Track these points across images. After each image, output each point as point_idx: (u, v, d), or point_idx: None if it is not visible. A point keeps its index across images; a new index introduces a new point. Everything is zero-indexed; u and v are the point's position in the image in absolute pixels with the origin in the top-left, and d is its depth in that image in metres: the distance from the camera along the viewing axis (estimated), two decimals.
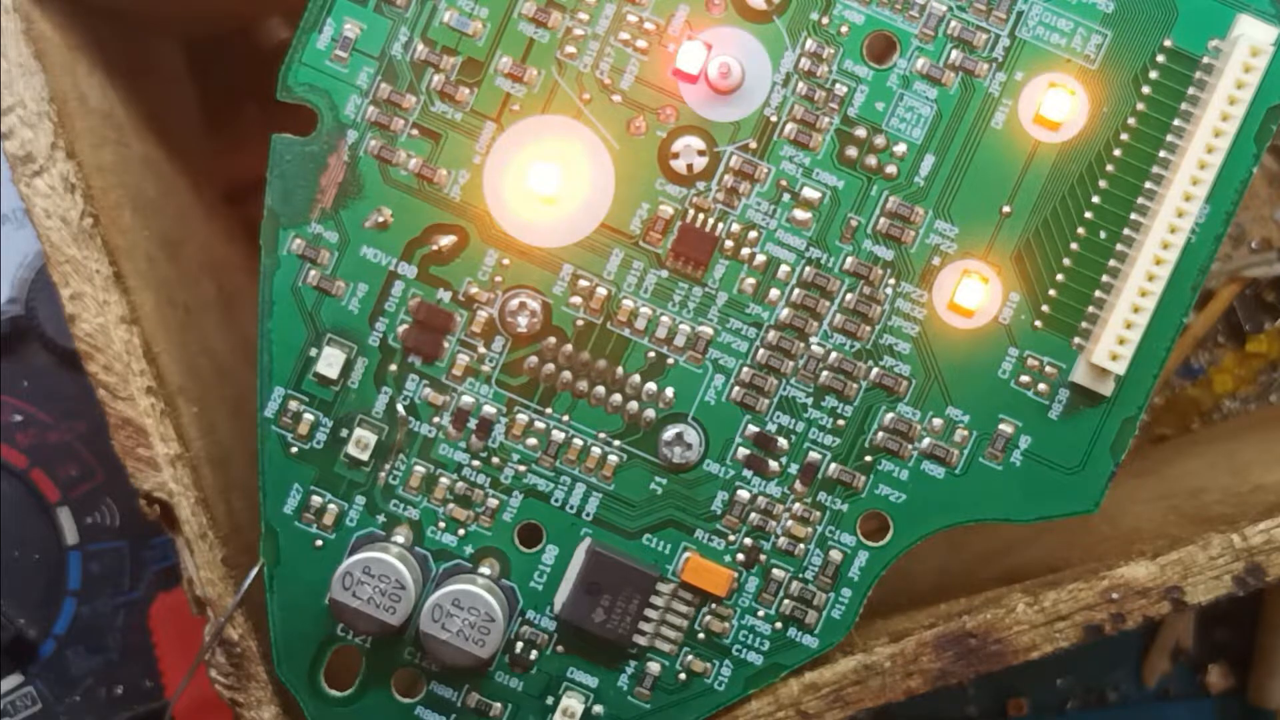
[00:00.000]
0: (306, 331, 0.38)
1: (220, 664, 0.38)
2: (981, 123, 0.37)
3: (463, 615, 0.37)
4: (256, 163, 0.40)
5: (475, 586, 0.37)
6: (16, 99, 0.38)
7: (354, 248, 0.37)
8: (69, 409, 0.50)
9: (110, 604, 0.50)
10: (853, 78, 0.37)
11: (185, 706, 0.49)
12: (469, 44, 0.37)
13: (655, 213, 0.37)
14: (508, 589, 0.38)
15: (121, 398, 0.38)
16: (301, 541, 0.38)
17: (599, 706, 0.38)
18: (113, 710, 0.49)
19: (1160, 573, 0.38)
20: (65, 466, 0.50)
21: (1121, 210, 0.37)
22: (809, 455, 0.38)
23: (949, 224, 0.37)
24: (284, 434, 0.38)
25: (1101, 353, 0.36)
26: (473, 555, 0.38)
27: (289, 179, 0.37)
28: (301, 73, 0.37)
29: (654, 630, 0.38)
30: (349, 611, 0.37)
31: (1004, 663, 0.38)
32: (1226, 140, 0.36)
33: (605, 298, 0.38)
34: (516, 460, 0.38)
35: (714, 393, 0.38)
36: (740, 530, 0.38)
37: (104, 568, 0.50)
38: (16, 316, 0.49)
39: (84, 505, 0.50)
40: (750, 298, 0.37)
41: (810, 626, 0.38)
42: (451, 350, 0.38)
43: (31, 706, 0.49)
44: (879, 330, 0.37)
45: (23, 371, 0.50)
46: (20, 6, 0.38)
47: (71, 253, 0.38)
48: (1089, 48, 0.37)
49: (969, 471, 0.38)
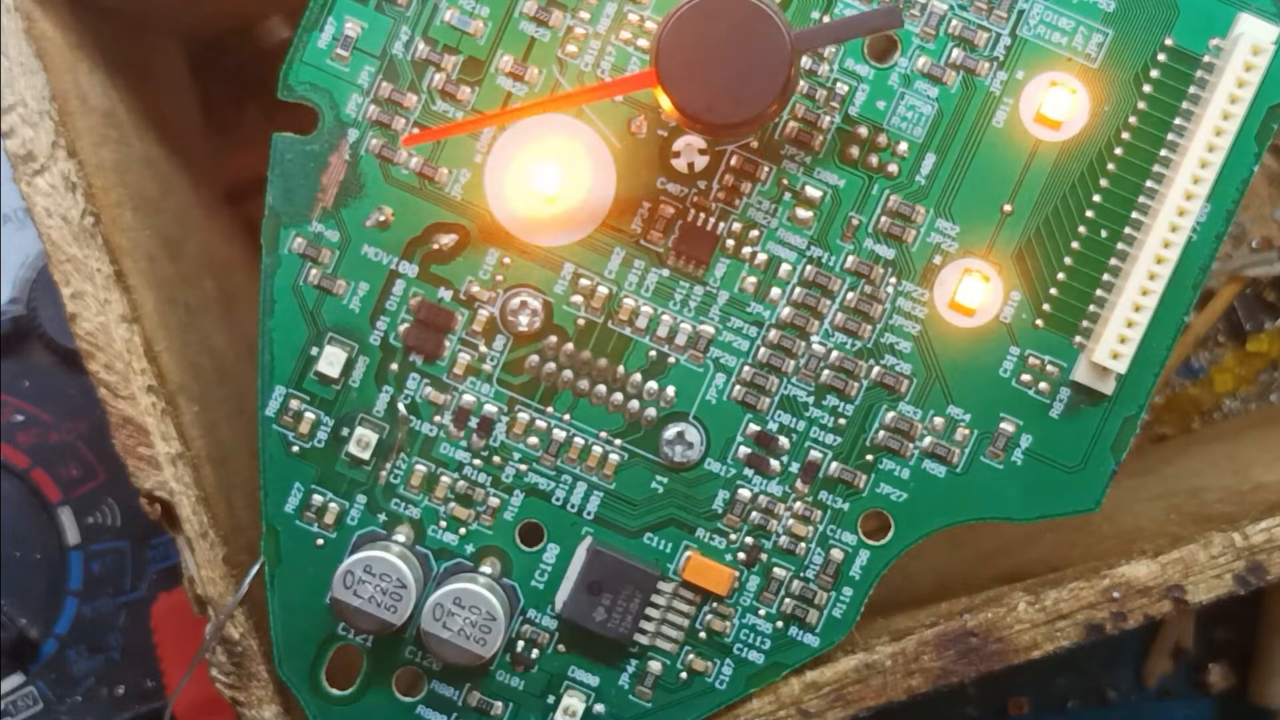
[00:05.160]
0: (307, 330, 0.38)
1: (221, 663, 0.38)
2: (983, 121, 0.37)
3: (464, 614, 0.37)
4: (257, 162, 0.40)
5: (476, 585, 0.37)
6: (18, 98, 0.38)
7: (355, 246, 0.37)
8: (70, 409, 0.50)
9: (111, 604, 0.50)
10: (854, 76, 0.37)
11: (187, 706, 0.49)
12: (470, 43, 0.37)
13: (656, 211, 0.37)
14: (509, 588, 0.38)
15: (122, 396, 0.38)
16: (302, 540, 0.38)
17: (600, 705, 0.38)
18: (114, 710, 0.49)
19: (1161, 572, 0.38)
20: (66, 466, 0.50)
21: (1123, 209, 0.37)
22: (810, 454, 0.38)
23: (950, 223, 0.37)
24: (285, 433, 0.38)
25: (1103, 351, 0.36)
26: (474, 554, 0.38)
27: (290, 178, 0.37)
28: (302, 71, 0.37)
29: (655, 629, 0.38)
30: (350, 610, 0.37)
31: (1005, 662, 0.38)
32: (1228, 139, 0.36)
33: (606, 296, 0.38)
34: (518, 459, 0.38)
35: (715, 391, 0.38)
36: (741, 529, 0.38)
37: (105, 567, 0.50)
38: (18, 316, 0.49)
39: (85, 505, 0.50)
40: (751, 296, 0.37)
41: (811, 625, 0.38)
42: (453, 349, 0.38)
43: (33, 706, 0.49)
44: (880, 329, 0.37)
45: (24, 371, 0.50)
46: (22, 5, 0.38)
47: (72, 252, 0.38)
48: (1090, 46, 0.37)
49: (970, 470, 0.38)
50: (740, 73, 0.33)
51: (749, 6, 0.33)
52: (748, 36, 0.33)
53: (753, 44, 0.33)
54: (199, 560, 0.38)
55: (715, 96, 0.34)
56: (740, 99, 0.34)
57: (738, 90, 0.34)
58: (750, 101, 0.34)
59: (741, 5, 0.33)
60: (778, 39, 0.33)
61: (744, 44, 0.33)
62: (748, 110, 0.34)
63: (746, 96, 0.34)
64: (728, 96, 0.34)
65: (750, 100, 0.34)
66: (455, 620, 0.37)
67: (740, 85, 0.34)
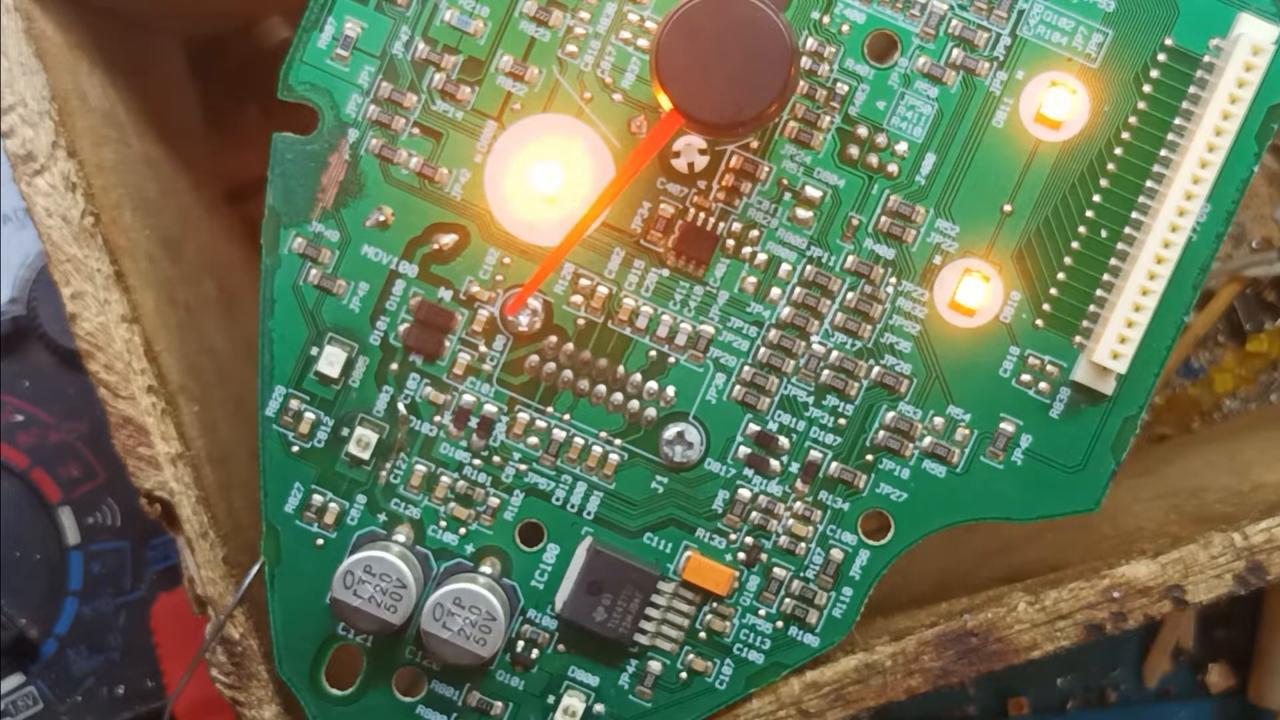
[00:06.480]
0: (307, 330, 0.38)
1: (221, 663, 0.38)
2: (983, 121, 0.37)
3: (464, 614, 0.37)
4: (257, 162, 0.40)
5: (476, 585, 0.37)
6: (17, 98, 0.38)
7: (355, 246, 0.37)
8: (70, 409, 0.50)
9: (111, 604, 0.50)
10: (854, 76, 0.37)
11: (187, 706, 0.49)
12: (470, 43, 0.37)
13: (656, 212, 0.37)
14: (509, 588, 0.38)
15: (122, 397, 0.38)
16: (302, 540, 0.38)
17: (600, 705, 0.38)
18: (114, 710, 0.49)
19: (1161, 571, 0.38)
20: (66, 466, 0.50)
21: (1123, 209, 0.37)
22: (810, 454, 0.38)
23: (950, 223, 0.37)
24: (285, 433, 0.38)
25: (1103, 351, 0.36)
26: (474, 554, 0.38)
27: (290, 178, 0.37)
28: (302, 71, 0.37)
29: (655, 629, 0.38)
30: (350, 610, 0.37)
31: (1005, 662, 0.38)
32: (1228, 139, 0.36)
33: (606, 296, 0.38)
34: (518, 459, 0.38)
35: (715, 391, 0.38)
36: (741, 529, 0.38)
37: (105, 567, 0.50)
38: (18, 316, 0.49)
39: (85, 505, 0.50)
40: (751, 296, 0.37)
41: (811, 625, 0.38)
42: (452, 349, 0.38)
43: (33, 706, 0.49)
44: (880, 329, 0.37)
45: (24, 371, 0.50)
46: (21, 5, 0.38)
47: (72, 252, 0.38)
48: (1090, 46, 0.37)
49: (970, 470, 0.38)
50: (740, 73, 0.33)
51: (749, 6, 0.33)
52: (748, 36, 0.33)
53: (753, 44, 0.33)
54: (199, 560, 0.38)
55: (715, 96, 0.34)
56: (740, 99, 0.34)
57: (738, 90, 0.34)
58: (750, 101, 0.34)
59: (741, 5, 0.33)
60: (778, 39, 0.33)
61: (744, 44, 0.33)
62: (748, 110, 0.34)
63: (746, 96, 0.34)
64: (728, 96, 0.34)
65: (750, 100, 0.34)
66: (455, 620, 0.37)
67: (740, 85, 0.34)
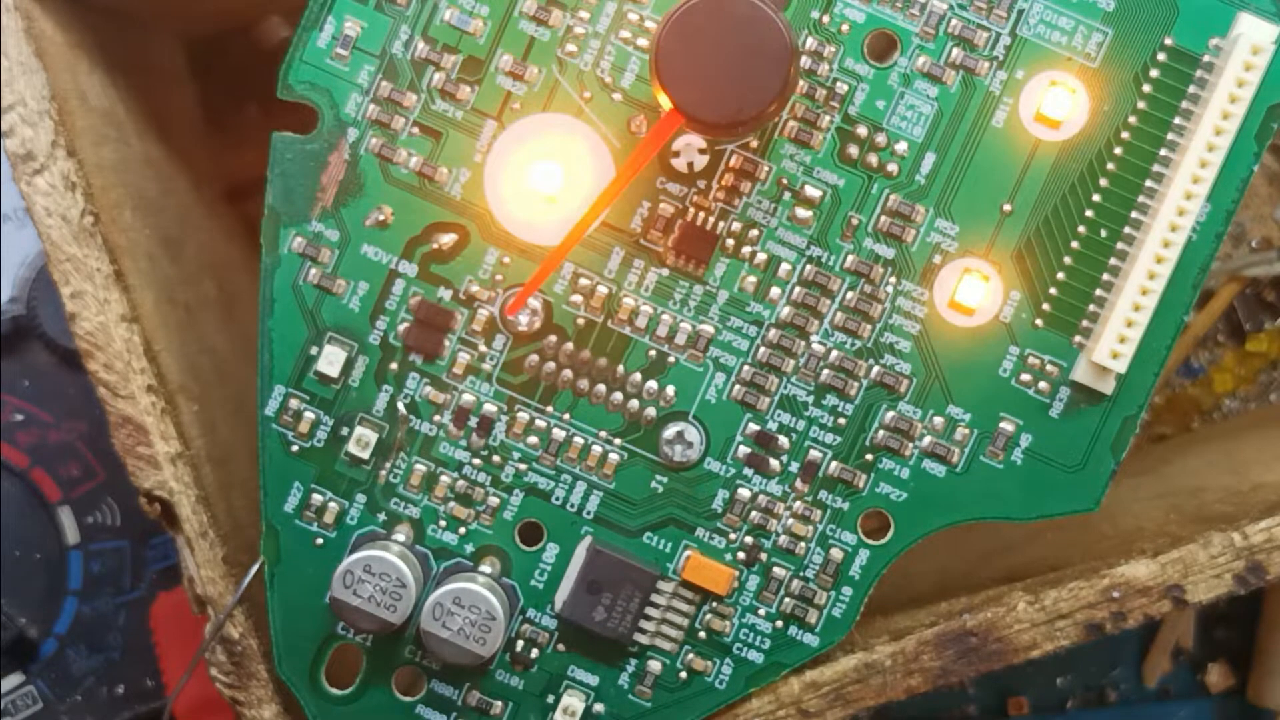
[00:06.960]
0: (307, 330, 0.38)
1: (221, 662, 0.38)
2: (982, 121, 0.37)
3: (463, 613, 0.37)
4: (257, 161, 0.40)
5: (476, 585, 0.37)
6: (17, 97, 0.38)
7: (355, 246, 0.37)
8: (70, 408, 0.50)
9: (111, 603, 0.50)
10: (854, 76, 0.37)
11: (186, 705, 0.49)
12: (470, 42, 0.37)
13: (656, 211, 0.37)
14: (508, 587, 0.38)
15: (122, 396, 0.38)
16: (302, 540, 0.38)
17: (600, 705, 0.38)
18: (114, 710, 0.49)
19: (1161, 571, 0.38)
20: (66, 466, 0.50)
21: (1122, 209, 0.37)
22: (810, 453, 0.38)
23: (950, 222, 0.37)
24: (285, 432, 0.38)
25: (1102, 351, 0.36)
26: (474, 553, 0.38)
27: (290, 177, 0.37)
28: (302, 71, 0.37)
29: (655, 629, 0.38)
30: (350, 610, 0.37)
31: (1004, 661, 0.38)
32: (1227, 139, 0.36)
33: (606, 296, 0.38)
34: (517, 458, 0.38)
35: (715, 391, 0.38)
36: (741, 529, 0.38)
37: (105, 567, 0.50)
38: (17, 316, 0.49)
39: (85, 505, 0.50)
40: (751, 296, 0.37)
41: (811, 625, 0.38)
42: (452, 348, 0.38)
43: (33, 706, 0.49)
44: (880, 329, 0.37)
45: (23, 371, 0.50)
46: (21, 5, 0.38)
47: (72, 251, 0.38)
48: (1090, 46, 0.37)
49: (970, 470, 0.38)
50: (740, 72, 0.33)
51: (748, 6, 0.33)
52: (747, 36, 0.33)
53: (752, 43, 0.33)
54: (199, 560, 0.38)
55: (715, 96, 0.34)
56: (740, 98, 0.34)
57: (737, 90, 0.34)
58: (750, 101, 0.34)
59: (741, 5, 0.33)
60: (777, 38, 0.33)
61: (744, 43, 0.33)
62: (747, 110, 0.34)
63: (746, 96, 0.34)
64: (727, 96, 0.34)
65: (750, 100, 0.34)
66: (455, 620, 0.37)
67: (740, 85, 0.34)
